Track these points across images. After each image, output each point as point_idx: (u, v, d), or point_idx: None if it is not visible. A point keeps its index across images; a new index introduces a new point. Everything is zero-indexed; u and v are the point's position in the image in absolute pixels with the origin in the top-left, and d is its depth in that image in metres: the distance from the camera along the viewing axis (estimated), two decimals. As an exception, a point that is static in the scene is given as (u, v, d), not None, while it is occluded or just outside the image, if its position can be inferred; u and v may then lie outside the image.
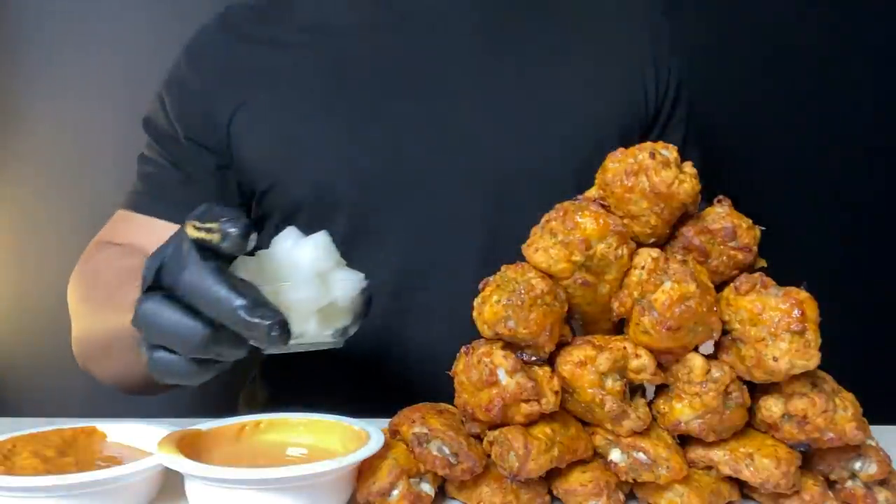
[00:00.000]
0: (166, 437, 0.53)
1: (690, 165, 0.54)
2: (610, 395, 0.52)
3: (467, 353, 0.54)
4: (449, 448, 0.54)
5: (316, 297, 0.55)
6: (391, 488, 0.53)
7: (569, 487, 0.54)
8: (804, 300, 0.51)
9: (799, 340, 0.50)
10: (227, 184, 0.89)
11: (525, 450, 0.51)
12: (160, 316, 0.52)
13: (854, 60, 1.42)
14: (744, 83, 1.40)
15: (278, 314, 0.50)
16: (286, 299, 0.54)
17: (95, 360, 0.82)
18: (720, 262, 0.54)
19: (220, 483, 0.49)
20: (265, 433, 0.58)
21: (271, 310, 0.51)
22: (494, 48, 0.88)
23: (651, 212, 0.53)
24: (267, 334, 0.50)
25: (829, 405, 0.52)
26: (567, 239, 0.52)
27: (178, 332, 0.52)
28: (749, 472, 0.53)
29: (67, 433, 0.57)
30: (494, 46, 0.88)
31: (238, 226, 0.50)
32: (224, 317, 0.51)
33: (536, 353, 0.53)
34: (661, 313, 0.50)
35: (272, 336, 0.50)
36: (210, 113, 0.87)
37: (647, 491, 0.55)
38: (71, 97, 1.32)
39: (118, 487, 0.51)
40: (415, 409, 0.57)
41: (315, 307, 0.55)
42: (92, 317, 0.81)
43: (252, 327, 0.50)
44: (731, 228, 0.54)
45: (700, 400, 0.52)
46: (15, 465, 0.53)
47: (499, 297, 0.51)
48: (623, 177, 0.54)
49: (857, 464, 0.54)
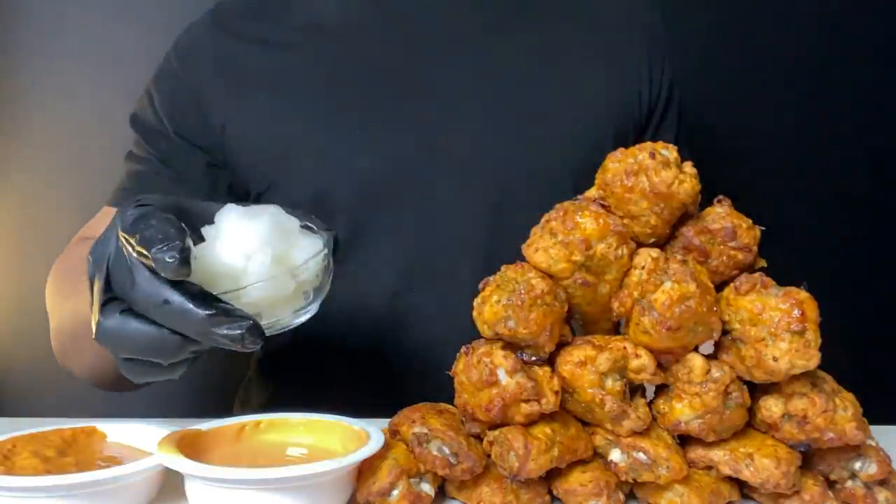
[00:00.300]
0: (166, 437, 0.53)
1: (690, 165, 0.54)
2: (610, 395, 0.52)
3: (467, 353, 0.54)
4: (449, 448, 0.54)
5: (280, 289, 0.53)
6: (391, 488, 0.53)
7: (569, 487, 0.54)
8: (804, 300, 0.51)
9: (799, 340, 0.50)
10: (217, 182, 0.88)
11: (525, 450, 0.51)
12: (125, 333, 0.50)
13: (854, 60, 1.42)
14: (743, 83, 1.40)
15: (246, 321, 0.48)
16: (251, 299, 0.52)
17: (70, 355, 0.80)
18: (720, 262, 0.54)
19: (220, 483, 0.49)
20: (265, 433, 0.58)
21: (239, 316, 0.49)
22: (492, 48, 0.88)
23: (651, 212, 0.53)
24: (241, 342, 0.48)
25: (829, 405, 0.52)
26: (567, 239, 0.52)
27: (148, 347, 0.50)
28: (749, 472, 0.53)
29: (67, 433, 0.57)
30: (492, 46, 0.88)
31: (173, 254, 0.47)
32: (191, 331, 0.49)
33: (536, 353, 0.53)
34: (661, 313, 0.50)
35: (245, 343, 0.48)
36: (203, 113, 0.86)
37: (647, 491, 0.55)
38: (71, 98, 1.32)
39: (118, 487, 0.51)
40: (415, 409, 0.57)
41: (282, 296, 0.53)
42: (63, 309, 0.79)
43: (222, 339, 0.48)
44: (731, 228, 0.54)
45: (700, 400, 0.52)
46: (15, 465, 0.53)
47: (499, 297, 0.51)
48: (623, 177, 0.54)
49: (857, 464, 0.54)
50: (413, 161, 0.84)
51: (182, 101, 0.87)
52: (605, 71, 0.91)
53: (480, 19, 0.89)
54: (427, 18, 0.88)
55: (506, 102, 0.86)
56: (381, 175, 0.84)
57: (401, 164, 0.84)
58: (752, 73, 1.40)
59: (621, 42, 0.93)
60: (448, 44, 0.87)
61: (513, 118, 0.86)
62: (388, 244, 0.84)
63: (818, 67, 1.41)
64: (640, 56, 0.93)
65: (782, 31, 1.40)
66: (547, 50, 0.90)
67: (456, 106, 0.85)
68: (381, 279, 0.85)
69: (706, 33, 1.36)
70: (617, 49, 0.92)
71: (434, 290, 0.84)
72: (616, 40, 0.92)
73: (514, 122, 0.86)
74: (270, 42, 0.87)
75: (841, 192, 1.44)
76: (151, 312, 0.49)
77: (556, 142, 0.86)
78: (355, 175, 0.84)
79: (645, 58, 0.93)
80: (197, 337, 0.49)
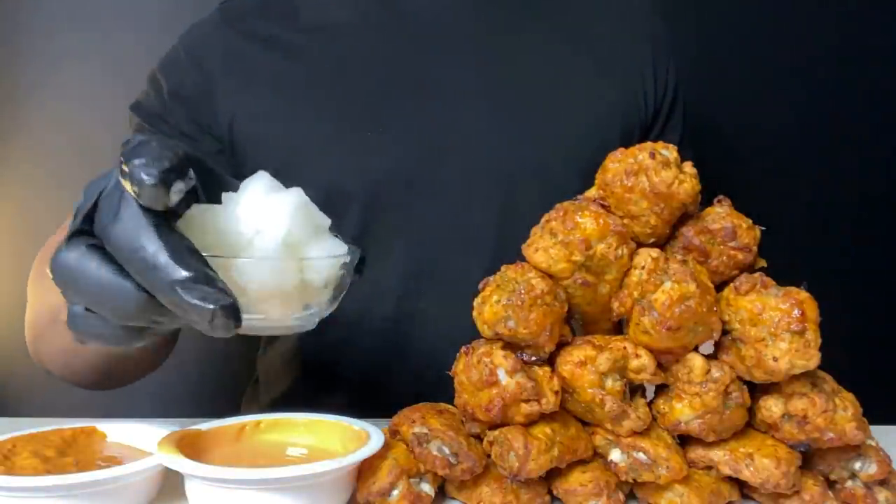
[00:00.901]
0: (166, 437, 0.53)
1: (690, 165, 0.54)
2: (610, 395, 0.52)
3: (467, 353, 0.54)
4: (449, 448, 0.54)
5: (280, 279, 0.45)
6: (391, 488, 0.53)
7: (569, 487, 0.54)
8: (804, 300, 0.51)
9: (799, 340, 0.50)
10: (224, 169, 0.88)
11: (525, 450, 0.51)
12: (84, 272, 0.43)
13: (854, 60, 1.42)
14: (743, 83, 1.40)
15: (225, 297, 0.41)
16: (243, 276, 0.44)
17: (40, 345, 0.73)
18: (720, 262, 0.54)
19: (220, 483, 0.49)
20: (265, 433, 0.58)
21: (217, 290, 0.41)
22: (498, 49, 0.88)
23: (651, 212, 0.53)
24: (209, 321, 0.41)
25: (829, 405, 0.52)
26: (567, 239, 0.52)
27: (103, 296, 0.43)
28: (749, 472, 0.53)
29: (67, 433, 0.57)
30: (498, 47, 0.88)
31: (152, 172, 0.40)
32: (157, 290, 0.42)
33: (536, 353, 0.53)
34: (661, 313, 0.50)
35: (215, 323, 0.41)
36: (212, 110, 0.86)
37: (647, 491, 0.55)
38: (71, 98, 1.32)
39: (118, 487, 0.51)
40: (415, 409, 0.57)
41: (279, 290, 0.45)
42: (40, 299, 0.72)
43: (190, 310, 0.41)
44: (731, 228, 0.54)
45: (700, 400, 0.52)
46: (15, 465, 0.53)
47: (499, 297, 0.51)
48: (623, 177, 0.54)
49: (857, 464, 0.54)
50: (420, 162, 0.83)
51: (192, 89, 0.86)
52: (611, 71, 0.91)
53: (486, 20, 0.89)
54: (433, 19, 0.88)
55: (512, 103, 0.86)
56: (388, 176, 0.83)
57: (408, 166, 0.83)
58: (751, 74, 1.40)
59: (626, 43, 0.93)
60: (454, 44, 0.87)
61: (519, 119, 0.86)
62: (395, 247, 0.84)
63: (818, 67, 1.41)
64: (644, 57, 0.93)
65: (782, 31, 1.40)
66: (553, 50, 0.90)
67: (462, 107, 0.85)
68: (389, 280, 0.85)
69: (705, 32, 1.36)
70: (622, 50, 0.92)
71: (442, 291, 0.84)
72: (621, 41, 0.93)
73: (520, 123, 0.86)
74: (278, 41, 0.87)
75: (841, 191, 1.44)
76: (123, 255, 0.42)
77: (563, 142, 0.86)
78: (362, 176, 0.83)
79: (649, 58, 0.93)
80: (163, 299, 0.42)
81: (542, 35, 0.90)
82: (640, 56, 0.93)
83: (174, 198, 0.42)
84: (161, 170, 0.41)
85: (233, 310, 0.41)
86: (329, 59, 0.86)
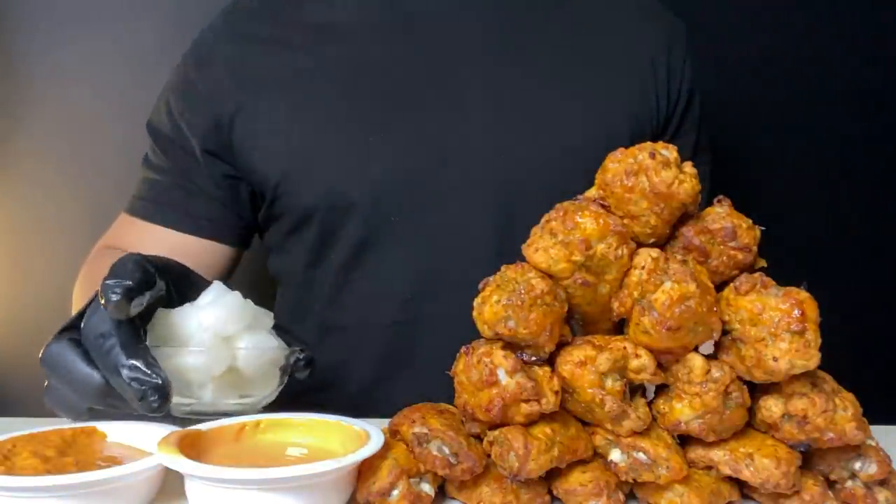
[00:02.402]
0: (166, 437, 0.53)
1: (690, 165, 0.54)
2: (610, 395, 0.52)
3: (467, 353, 0.54)
4: (449, 448, 0.54)
5: (209, 365, 0.56)
6: (391, 488, 0.53)
7: (569, 487, 0.54)
8: (804, 300, 0.51)
9: (799, 340, 0.50)
10: (237, 194, 0.88)
11: (525, 450, 0.51)
12: (62, 361, 0.54)
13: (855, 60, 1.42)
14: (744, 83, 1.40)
15: (155, 379, 0.51)
16: (180, 364, 0.55)
17: None
18: (720, 262, 0.54)
19: (220, 483, 0.49)
20: (265, 433, 0.57)
21: (152, 374, 0.51)
22: (506, 54, 0.87)
23: (651, 212, 0.53)
24: (141, 399, 0.51)
25: (829, 405, 0.52)
26: (567, 239, 0.52)
27: (73, 381, 0.54)
28: (749, 472, 0.53)
29: (67, 433, 0.57)
30: (506, 52, 0.87)
31: (117, 291, 0.51)
32: (108, 371, 0.52)
33: (536, 353, 0.53)
34: (661, 313, 0.50)
35: (146, 401, 0.51)
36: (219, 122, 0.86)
37: (647, 491, 0.55)
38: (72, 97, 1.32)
39: (118, 487, 0.51)
40: (415, 409, 0.57)
41: (209, 375, 0.56)
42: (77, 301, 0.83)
43: (128, 388, 0.51)
44: (731, 228, 0.54)
45: (700, 400, 0.52)
46: (15, 465, 0.53)
47: (499, 297, 0.51)
48: (623, 177, 0.54)
49: (857, 464, 0.54)
50: (426, 167, 0.83)
51: (200, 113, 0.87)
52: (621, 75, 0.89)
53: (494, 24, 0.88)
54: (440, 23, 0.87)
55: (520, 108, 0.85)
56: (393, 182, 0.83)
57: (413, 170, 0.83)
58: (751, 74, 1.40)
59: (637, 46, 0.91)
60: (461, 48, 0.86)
61: (527, 124, 0.85)
62: (400, 252, 0.84)
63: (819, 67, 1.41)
64: (657, 60, 0.91)
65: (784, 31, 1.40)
66: (561, 55, 0.88)
67: (469, 111, 0.84)
68: (394, 285, 0.84)
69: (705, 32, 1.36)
70: (632, 53, 0.91)
71: (446, 296, 0.83)
72: (631, 44, 0.91)
73: (527, 128, 0.85)
74: (283, 44, 0.87)
75: (841, 192, 1.44)
76: (89, 342, 0.53)
77: (570, 148, 0.85)
78: (368, 182, 0.83)
79: (663, 62, 0.91)
80: (112, 380, 0.52)
81: (550, 39, 0.89)
82: (653, 60, 0.91)
83: (134, 310, 0.52)
84: (125, 289, 0.52)
85: (160, 390, 0.51)
86: (334, 62, 0.86)
